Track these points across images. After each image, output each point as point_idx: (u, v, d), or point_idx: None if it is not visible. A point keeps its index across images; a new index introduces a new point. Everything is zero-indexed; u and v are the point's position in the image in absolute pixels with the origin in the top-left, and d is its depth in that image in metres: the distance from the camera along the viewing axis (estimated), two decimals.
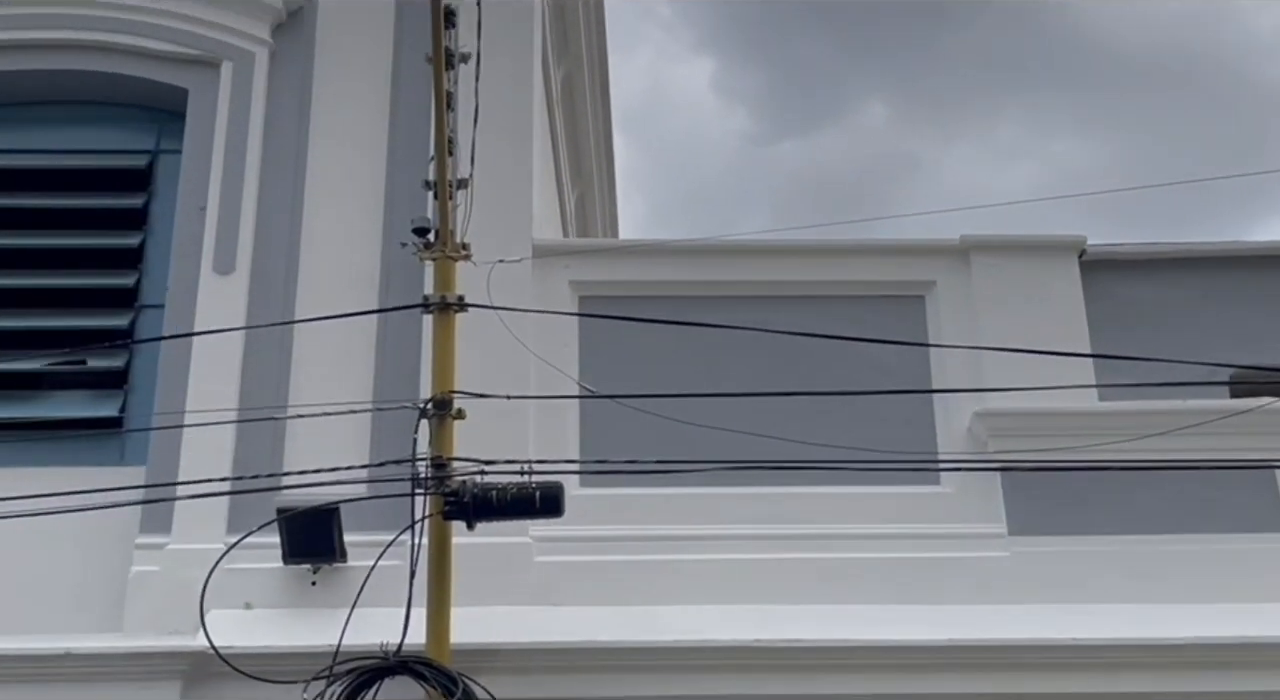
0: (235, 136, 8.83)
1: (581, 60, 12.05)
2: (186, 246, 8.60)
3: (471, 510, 6.74)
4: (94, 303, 8.65)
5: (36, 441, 8.16)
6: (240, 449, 8.00)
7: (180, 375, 8.19)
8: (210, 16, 9.09)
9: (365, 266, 8.63)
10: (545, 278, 8.54)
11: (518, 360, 8.02)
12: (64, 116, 9.17)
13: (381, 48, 9.29)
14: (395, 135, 9.01)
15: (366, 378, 8.33)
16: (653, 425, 7.82)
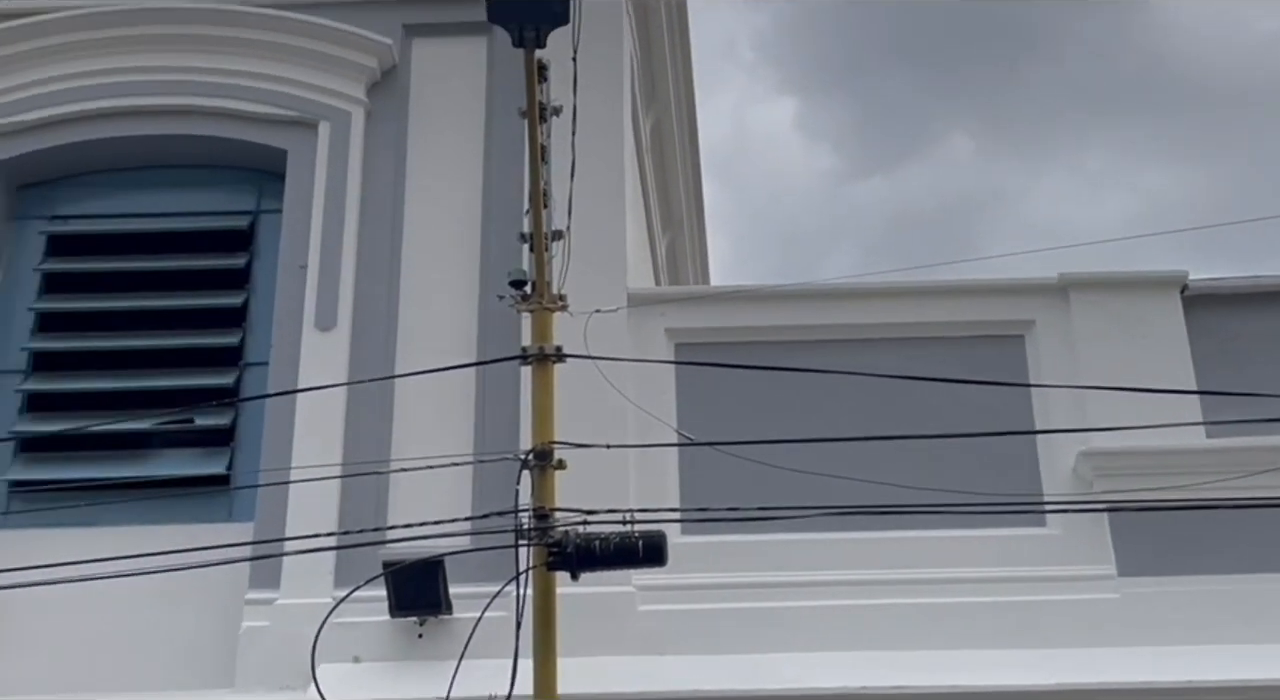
0: (333, 194, 8.99)
1: (670, 107, 12.12)
2: (288, 304, 8.75)
3: (575, 561, 6.74)
4: (200, 362, 8.82)
5: (147, 500, 8.30)
6: (345, 503, 8.10)
7: (285, 431, 8.32)
8: (307, 78, 9.27)
9: (463, 319, 8.73)
10: (641, 326, 8.58)
11: (616, 409, 8.06)
12: (168, 180, 9.38)
13: (473, 102, 9.42)
14: (489, 188, 9.13)
15: (467, 430, 8.41)
16: (752, 471, 7.80)
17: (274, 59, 9.32)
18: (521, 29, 6.41)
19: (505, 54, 9.16)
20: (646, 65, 11.18)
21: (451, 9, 9.56)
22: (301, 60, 9.30)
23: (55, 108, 9.23)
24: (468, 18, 9.43)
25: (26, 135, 9.25)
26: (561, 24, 6.43)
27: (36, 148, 9.25)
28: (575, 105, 7.15)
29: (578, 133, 7.59)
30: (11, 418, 8.77)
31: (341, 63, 9.29)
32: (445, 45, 9.60)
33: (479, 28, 9.42)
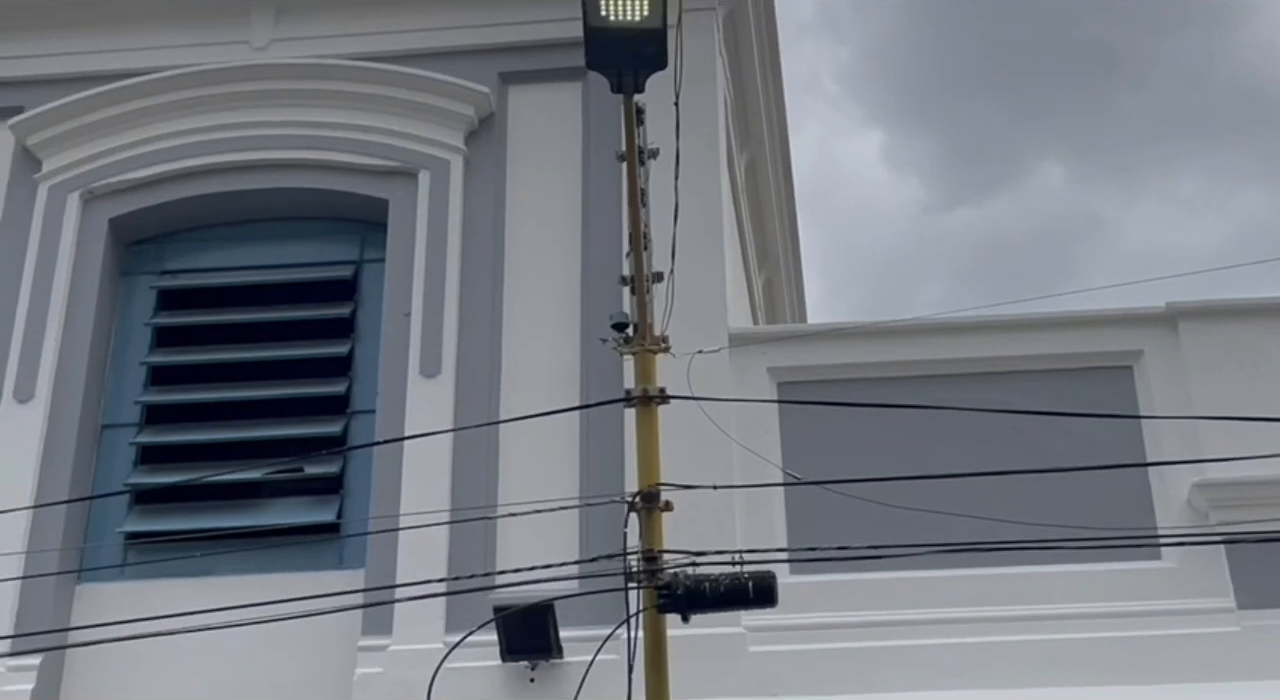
0: (435, 242, 9.09)
1: (763, 145, 12.13)
2: (394, 352, 8.85)
3: (685, 603, 6.71)
4: (308, 411, 8.94)
5: (259, 549, 8.41)
6: (454, 548, 8.16)
7: (393, 478, 8.40)
8: (407, 128, 9.40)
9: (565, 363, 8.78)
10: (743, 366, 8.58)
11: (720, 450, 8.05)
12: (274, 233, 9.56)
13: (570, 147, 9.51)
14: (587, 232, 9.19)
15: (572, 473, 8.45)
16: (860, 509, 7.73)
17: (374, 110, 9.47)
18: (620, 75, 6.46)
19: (600, 98, 9.29)
20: (740, 104, 11.22)
21: (546, 56, 9.67)
22: (401, 111, 9.45)
23: (163, 165, 9.45)
24: (562, 64, 9.56)
25: (136, 193, 9.48)
26: (659, 69, 6.47)
27: (146, 205, 9.47)
28: (678, 149, 7.17)
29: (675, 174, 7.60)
30: (126, 470, 8.93)
31: (440, 112, 9.42)
32: (541, 92, 9.70)
33: (573, 73, 9.54)
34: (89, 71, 9.75)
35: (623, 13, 6.21)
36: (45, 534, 8.42)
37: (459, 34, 9.78)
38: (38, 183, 9.47)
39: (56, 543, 8.40)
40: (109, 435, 9.05)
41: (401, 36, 9.75)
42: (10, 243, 9.34)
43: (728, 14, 10.17)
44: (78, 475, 8.74)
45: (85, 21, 9.92)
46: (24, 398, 8.83)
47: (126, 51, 9.81)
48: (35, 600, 8.27)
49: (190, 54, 9.75)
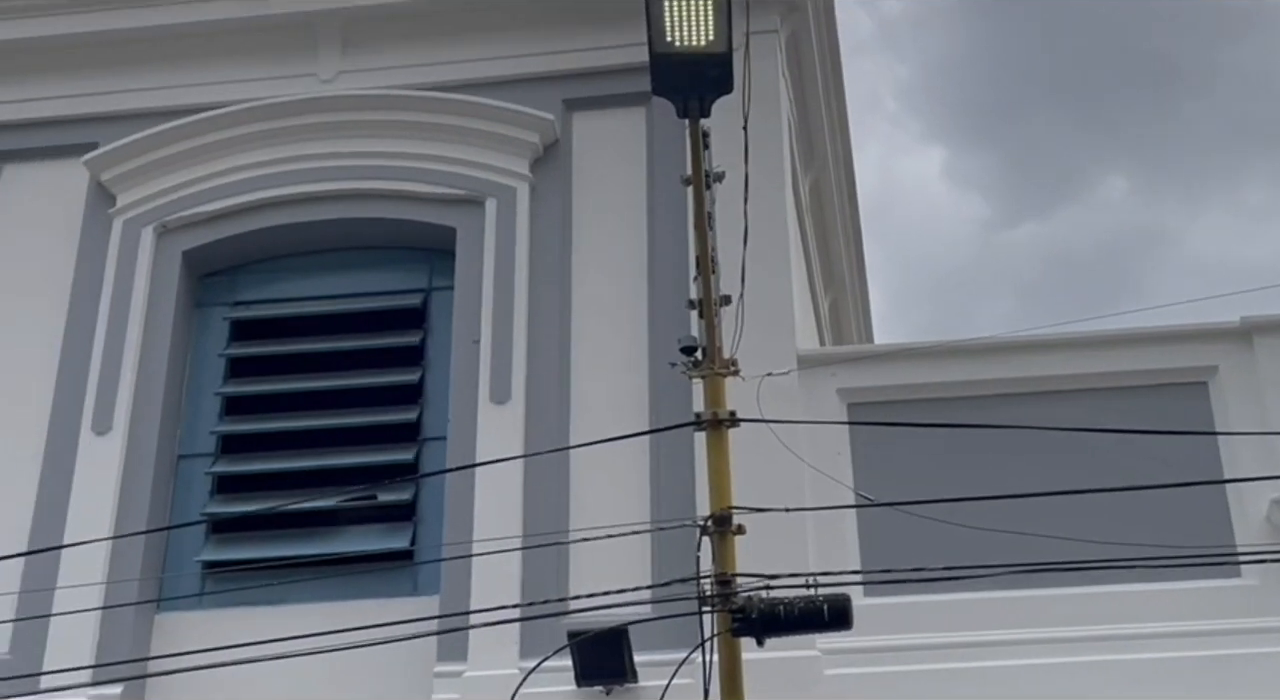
0: (503, 269, 9.15)
1: (828, 165, 12.12)
2: (464, 379, 8.91)
3: (760, 626, 6.70)
4: (380, 439, 9.01)
5: (334, 577, 8.47)
6: (527, 574, 8.19)
7: (465, 505, 8.45)
8: (473, 157, 9.48)
9: (634, 387, 8.81)
10: (812, 387, 8.56)
11: (791, 472, 8.03)
12: (343, 262, 9.66)
13: (635, 172, 9.55)
14: (654, 256, 9.22)
15: (643, 497, 8.46)
16: (934, 530, 7.67)
17: (440, 140, 9.56)
18: (686, 100, 6.48)
19: (664, 123, 9.33)
20: (803, 126, 11.22)
21: (610, 82, 9.72)
22: (467, 139, 9.53)
23: (234, 198, 9.57)
24: (626, 89, 9.62)
25: (208, 226, 9.61)
26: (725, 93, 6.49)
27: (218, 237, 9.59)
28: (747, 173, 7.19)
29: (741, 196, 7.62)
30: (203, 500, 9.04)
31: (505, 140, 9.49)
32: (605, 117, 9.75)
33: (637, 98, 9.60)
34: (160, 107, 9.90)
35: (688, 38, 6.24)
36: (124, 564, 8.53)
37: (523, 62, 9.86)
38: (112, 218, 9.62)
39: (136, 573, 8.51)
40: (185, 465, 9.16)
41: (466, 66, 9.84)
42: (87, 277, 9.49)
43: (790, 35, 10.19)
44: (155, 505, 8.85)
45: (155, 58, 10.08)
46: (102, 430, 8.95)
47: (197, 86, 9.96)
48: (115, 630, 8.37)
49: (259, 87, 9.87)
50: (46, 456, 8.98)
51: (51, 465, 8.94)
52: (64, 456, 8.94)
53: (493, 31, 9.90)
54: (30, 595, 8.40)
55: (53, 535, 8.57)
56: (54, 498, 8.81)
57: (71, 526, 8.63)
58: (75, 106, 10.03)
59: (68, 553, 8.29)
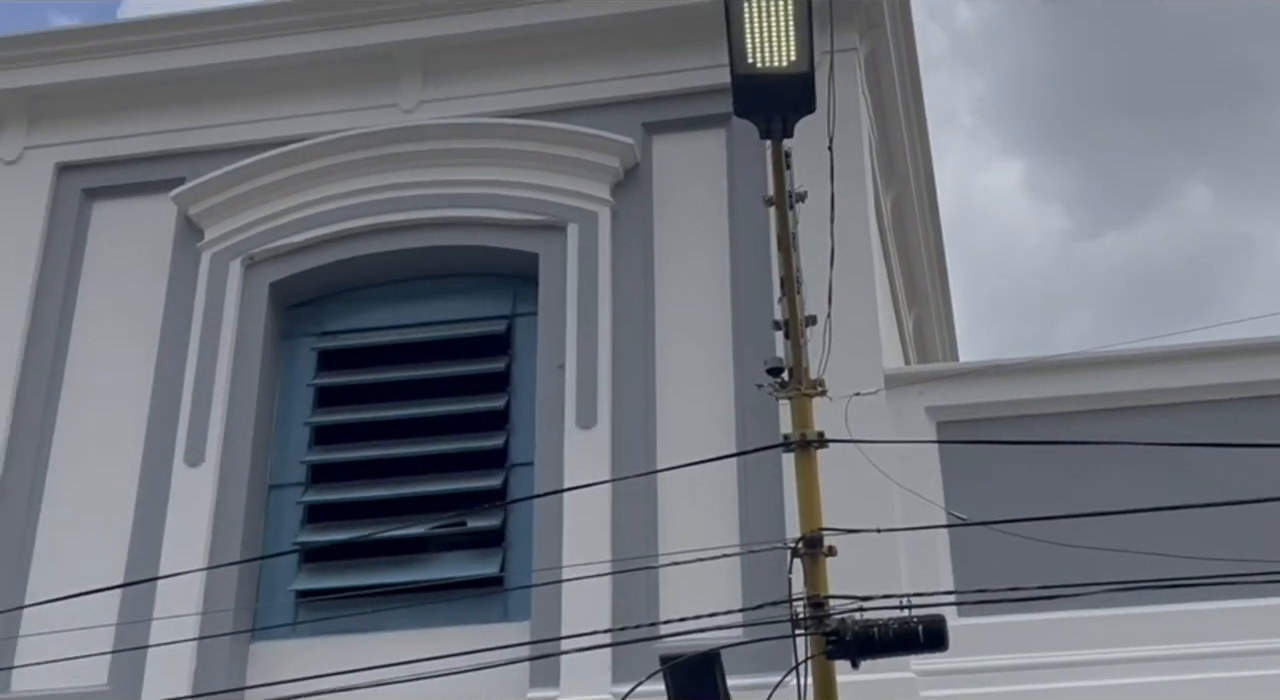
0: (586, 294, 9.17)
1: (909, 182, 12.05)
2: (549, 404, 8.93)
3: (855, 648, 6.64)
4: (467, 465, 9.05)
5: (426, 604, 8.51)
6: (617, 598, 8.18)
7: (554, 530, 8.46)
8: (554, 183, 9.51)
9: (720, 409, 8.79)
10: (900, 406, 8.50)
11: (881, 492, 7.97)
12: (428, 290, 9.72)
13: (716, 194, 9.55)
14: (737, 277, 9.20)
15: (731, 520, 8.43)
16: (1028, 548, 7.57)
17: (521, 166, 9.61)
18: (768, 121, 6.47)
19: (744, 144, 9.33)
20: (884, 142, 11.16)
21: (688, 105, 9.74)
22: (547, 165, 9.56)
23: (319, 229, 9.67)
24: (704, 112, 9.63)
25: (294, 257, 9.71)
26: (808, 113, 6.47)
27: (304, 268, 9.69)
28: (833, 193, 7.18)
29: (823, 216, 7.59)
30: (294, 529, 9.11)
31: (586, 165, 9.52)
32: (684, 140, 9.76)
33: (717, 120, 9.60)
34: (245, 141, 10.03)
35: (769, 59, 6.22)
36: (219, 594, 8.62)
37: (601, 87, 9.90)
38: (201, 251, 9.75)
39: (231, 603, 8.59)
40: (276, 495, 9.25)
41: (546, 92, 9.89)
42: (177, 311, 9.62)
43: (869, 53, 10.15)
44: (248, 535, 8.93)
45: (239, 93, 10.23)
46: (194, 461, 9.06)
47: (281, 120, 10.09)
48: (212, 660, 8.45)
49: (342, 119, 9.98)
50: (141, 489, 9.10)
51: (146, 497, 9.06)
52: (158, 488, 9.05)
53: (571, 57, 9.94)
54: (127, 627, 8.50)
55: (148, 567, 8.68)
56: (149, 529, 8.93)
57: (167, 558, 8.73)
58: (163, 142, 10.19)
59: (163, 584, 8.38)
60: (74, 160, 10.26)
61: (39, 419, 9.41)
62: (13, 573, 8.95)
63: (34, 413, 9.43)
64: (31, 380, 9.53)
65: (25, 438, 9.36)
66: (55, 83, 10.31)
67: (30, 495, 9.19)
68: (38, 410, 9.44)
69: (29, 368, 9.57)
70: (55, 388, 9.54)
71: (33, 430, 9.38)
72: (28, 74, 10.31)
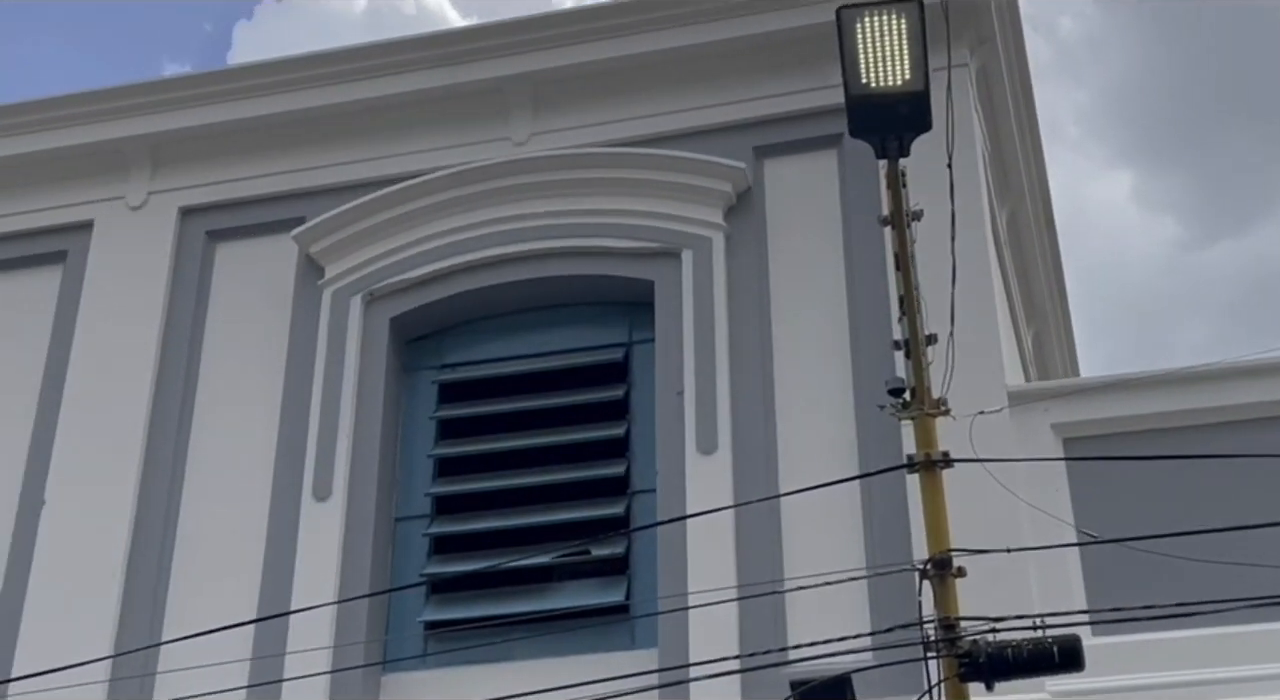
0: (702, 319, 9.17)
1: (1023, 196, 11.92)
2: (669, 431, 8.93)
3: (988, 670, 6.55)
4: (589, 493, 9.08)
5: (553, 633, 8.54)
6: (744, 624, 8.15)
7: (678, 557, 8.45)
8: (667, 209, 9.54)
9: (841, 431, 8.74)
10: (1024, 423, 8.39)
11: (1009, 511, 7.86)
12: (545, 320, 9.79)
13: (829, 215, 9.51)
14: (854, 298, 9.15)
15: (857, 542, 8.37)
16: (1162, 565, 7.44)
17: (634, 194, 9.65)
18: (884, 140, 6.44)
19: (856, 164, 9.30)
20: (997, 157, 11.06)
21: (799, 127, 9.73)
22: (660, 192, 9.60)
23: (437, 263, 9.78)
24: (815, 133, 9.62)
25: (413, 291, 9.82)
26: (924, 131, 6.44)
27: (423, 302, 9.80)
28: (954, 211, 7.13)
29: (941, 233, 7.53)
30: (421, 561, 9.20)
31: (698, 191, 9.53)
32: (796, 162, 9.75)
33: (827, 141, 9.59)
34: (362, 179, 10.20)
35: (884, 78, 6.20)
36: (350, 627, 8.72)
37: (711, 112, 9.92)
38: (322, 289, 9.90)
39: (361, 635, 8.69)
40: (403, 527, 9.35)
41: (656, 119, 9.94)
42: (300, 348, 9.78)
43: (980, 67, 10.07)
44: (376, 568, 9.04)
45: (355, 132, 10.39)
46: (322, 496, 9.19)
47: (395, 156, 10.23)
48: (344, 692, 8.53)
49: (455, 154, 10.10)
50: (271, 524, 9.25)
51: (276, 533, 9.20)
52: (287, 524, 9.19)
53: (680, 84, 9.98)
54: (261, 661, 8.62)
55: (280, 601, 8.81)
56: (280, 564, 9.07)
57: (298, 592, 8.86)
58: (282, 183, 10.38)
59: (295, 618, 8.49)
60: (197, 203, 10.49)
61: (170, 458, 9.61)
62: (150, 610, 9.13)
63: (165, 452, 9.62)
64: (162, 421, 9.73)
65: (158, 477, 9.55)
66: (176, 128, 10.55)
67: (164, 534, 9.38)
68: (169, 450, 9.63)
69: (159, 408, 9.78)
70: (185, 427, 9.74)
71: (165, 470, 9.57)
72: (150, 121, 10.57)
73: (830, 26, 6.96)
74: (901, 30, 6.18)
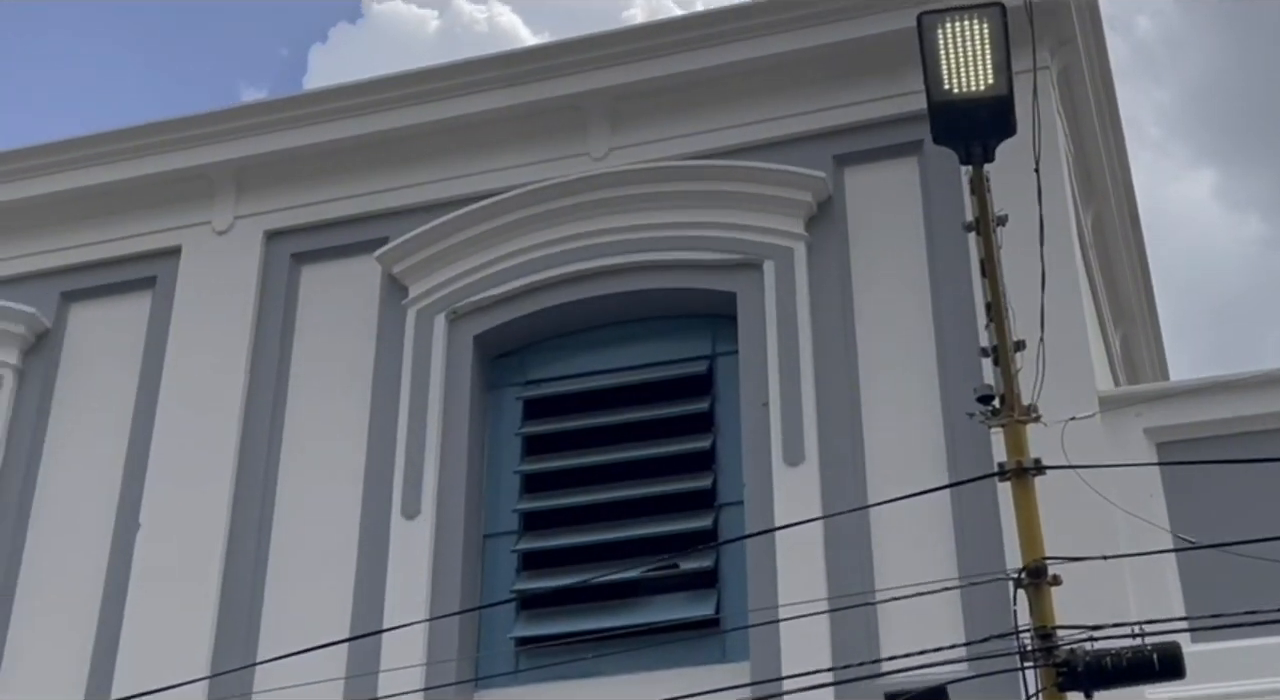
0: (786, 330, 9.13)
1: (1108, 198, 11.77)
2: (755, 443, 8.90)
3: (1086, 679, 6.46)
4: (676, 507, 9.06)
5: (644, 647, 8.52)
6: (836, 636, 8.09)
7: (768, 569, 8.41)
8: (748, 220, 9.52)
9: (929, 439, 8.67)
10: (1116, 428, 8.28)
11: (1103, 518, 7.76)
12: (627, 335, 9.79)
13: (911, 222, 9.44)
14: (938, 305, 9.08)
15: (948, 552, 8.29)
16: (1262, 570, 7.31)
17: (713, 206, 9.64)
18: (968, 146, 6.38)
19: (937, 170, 9.23)
20: (1080, 159, 10.93)
21: (878, 135, 9.68)
22: (740, 204, 9.58)
23: (519, 280, 9.81)
24: (895, 140, 9.56)
25: (496, 309, 9.86)
26: (1009, 136, 6.38)
27: (506, 319, 9.84)
28: (1041, 215, 7.05)
29: (1026, 238, 7.44)
30: (510, 577, 9.23)
31: (778, 201, 9.50)
32: (876, 170, 9.69)
33: (907, 149, 9.53)
34: (443, 198, 10.26)
35: (966, 84, 6.15)
36: (442, 644, 8.75)
37: (789, 122, 9.89)
38: (406, 308, 9.97)
39: (453, 652, 8.72)
40: (491, 544, 9.38)
41: (734, 131, 9.92)
42: (386, 368, 9.84)
43: (1061, 69, 9.96)
44: (466, 585, 9.07)
45: (435, 152, 10.46)
46: (411, 514, 9.24)
47: (476, 175, 10.29)
48: None
49: (534, 171, 10.14)
50: (361, 543, 9.31)
51: (367, 551, 9.26)
52: (377, 542, 9.25)
53: (757, 95, 9.96)
54: (355, 680, 8.67)
55: (372, 619, 8.86)
56: (371, 582, 9.12)
57: (389, 609, 8.90)
58: (364, 204, 10.47)
59: (388, 636, 8.53)
60: (281, 227, 10.60)
61: (261, 479, 9.71)
62: (244, 630, 9.22)
63: (256, 473, 9.72)
64: (252, 442, 9.84)
65: (250, 498, 9.65)
66: (260, 153, 10.67)
67: (257, 554, 9.47)
68: (259, 470, 9.73)
69: (249, 430, 9.88)
70: (275, 449, 9.84)
71: (256, 490, 9.67)
72: (234, 146, 10.70)
73: (906, 33, 6.94)
74: (983, 34, 6.13)
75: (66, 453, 10.30)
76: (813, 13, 9.81)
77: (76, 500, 10.05)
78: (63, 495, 10.12)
